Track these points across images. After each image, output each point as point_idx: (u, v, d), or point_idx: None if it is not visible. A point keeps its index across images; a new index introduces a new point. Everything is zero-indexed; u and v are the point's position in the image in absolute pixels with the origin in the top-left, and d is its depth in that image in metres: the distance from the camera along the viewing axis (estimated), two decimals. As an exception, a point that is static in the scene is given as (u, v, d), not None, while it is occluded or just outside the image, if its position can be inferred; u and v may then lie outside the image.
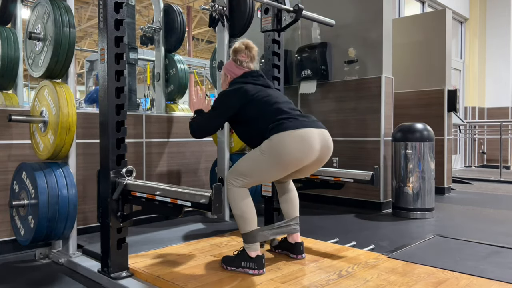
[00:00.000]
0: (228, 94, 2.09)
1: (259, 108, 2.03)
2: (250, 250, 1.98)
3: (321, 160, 2.03)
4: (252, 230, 1.98)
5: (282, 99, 2.12)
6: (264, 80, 2.18)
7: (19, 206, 2.26)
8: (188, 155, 3.67)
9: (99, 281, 2.06)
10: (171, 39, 3.95)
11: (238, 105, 2.04)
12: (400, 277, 1.94)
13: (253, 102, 2.04)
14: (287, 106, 2.06)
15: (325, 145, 2.00)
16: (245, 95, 2.05)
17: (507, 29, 8.53)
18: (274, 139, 1.91)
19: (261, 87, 2.13)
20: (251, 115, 2.04)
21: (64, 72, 2.31)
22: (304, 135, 1.91)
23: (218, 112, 2.09)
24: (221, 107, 2.08)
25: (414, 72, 5.12)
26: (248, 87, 2.09)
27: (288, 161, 1.90)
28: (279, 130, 1.91)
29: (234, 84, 2.15)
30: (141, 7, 13.32)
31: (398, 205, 3.73)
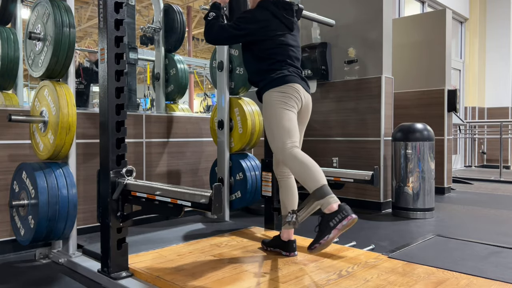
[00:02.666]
0: (254, 19, 2.19)
1: (274, 51, 2.19)
2: (331, 202, 1.84)
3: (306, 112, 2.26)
4: (324, 184, 1.90)
5: (295, 53, 2.27)
6: (289, 20, 2.25)
7: (19, 206, 2.26)
8: (188, 155, 3.67)
9: (99, 281, 2.06)
10: (171, 39, 3.95)
11: (256, 36, 2.19)
12: (400, 277, 1.94)
13: (268, 41, 2.19)
14: (295, 61, 2.24)
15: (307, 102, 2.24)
16: (266, 30, 2.18)
17: (507, 29, 8.53)
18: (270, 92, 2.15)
19: (285, 27, 2.23)
20: (264, 52, 2.20)
21: (64, 72, 2.31)
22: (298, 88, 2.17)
23: (237, 34, 2.19)
24: (242, 29, 2.18)
25: (414, 72, 5.12)
26: (273, 24, 2.20)
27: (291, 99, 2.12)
28: (275, 84, 2.14)
29: (262, 9, 2.22)
30: (141, 7, 13.31)
31: (398, 205, 3.73)
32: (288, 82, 2.15)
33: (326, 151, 4.34)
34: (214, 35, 2.24)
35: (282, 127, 2.09)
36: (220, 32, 2.21)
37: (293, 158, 2.03)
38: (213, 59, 3.45)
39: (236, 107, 3.30)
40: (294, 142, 2.08)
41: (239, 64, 3.30)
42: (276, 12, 2.21)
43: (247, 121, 3.22)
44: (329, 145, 4.33)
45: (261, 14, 2.20)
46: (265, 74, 2.20)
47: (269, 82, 2.17)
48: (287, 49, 2.23)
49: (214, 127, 3.36)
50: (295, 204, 2.30)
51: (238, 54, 3.31)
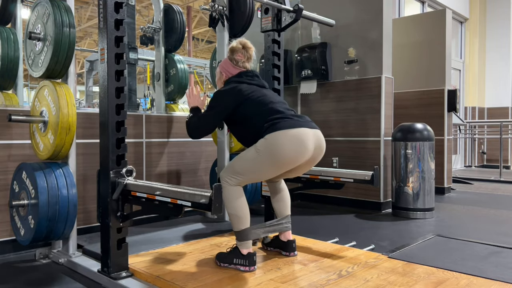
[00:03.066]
0: (223, 94, 2.11)
1: (254, 107, 2.05)
2: (242, 247, 2.03)
3: (313, 160, 2.06)
4: (244, 228, 2.02)
5: (277, 99, 2.14)
6: (259, 80, 2.20)
7: (19, 206, 2.26)
8: (188, 155, 3.67)
9: (99, 281, 2.06)
10: (171, 39, 3.95)
11: (233, 105, 2.06)
12: (400, 277, 1.94)
13: (247, 101, 2.06)
14: (281, 106, 2.08)
15: (318, 145, 2.03)
16: (240, 94, 2.07)
17: (507, 29, 8.53)
18: (269, 138, 1.93)
19: (256, 86, 2.15)
20: (246, 115, 2.06)
21: (64, 72, 2.31)
22: (298, 135, 1.93)
23: (214, 112, 2.10)
24: (216, 107, 2.10)
25: (414, 72, 5.12)
26: (243, 86, 2.11)
27: (282, 160, 1.92)
28: (274, 129, 1.93)
29: (229, 84, 2.16)
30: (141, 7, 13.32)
31: (398, 205, 3.73)
32: (296, 126, 1.95)
33: (326, 151, 4.30)
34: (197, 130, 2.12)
35: (249, 174, 2.00)
36: (198, 121, 2.11)
37: (230, 191, 2.00)
38: (213, 59, 3.45)
39: (236, 107, 3.29)
40: (244, 182, 2.02)
41: (239, 64, 3.29)
42: (242, 81, 2.14)
43: (247, 121, 3.21)
44: (329, 145, 4.30)
45: (228, 87, 2.11)
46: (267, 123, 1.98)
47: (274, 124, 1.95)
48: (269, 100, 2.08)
49: (214, 127, 3.36)
50: (287, 209, 2.31)
51: (238, 54, 3.30)
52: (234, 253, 2.05)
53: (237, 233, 2.03)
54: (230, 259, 2.06)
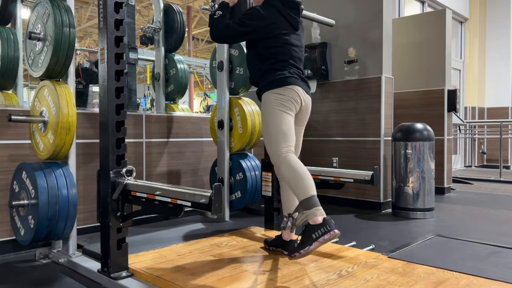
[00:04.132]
0: (260, 16, 2.18)
1: (277, 51, 2.19)
2: (316, 214, 1.86)
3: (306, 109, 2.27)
4: (313, 195, 1.93)
5: (298, 54, 2.29)
6: (294, 19, 2.26)
7: (19, 206, 2.26)
8: (188, 155, 3.67)
9: (99, 281, 2.06)
10: (171, 39, 3.95)
11: (262, 33, 2.18)
12: (400, 277, 1.94)
13: (274, 40, 2.19)
14: (297, 62, 2.27)
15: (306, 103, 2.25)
16: (272, 29, 2.18)
17: (507, 29, 8.53)
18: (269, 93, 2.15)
19: (290, 26, 2.24)
20: (267, 51, 2.19)
21: (64, 72, 2.31)
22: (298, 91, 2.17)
23: (243, 30, 2.19)
24: (248, 26, 2.18)
25: (414, 72, 5.12)
26: (279, 22, 2.20)
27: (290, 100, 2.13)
28: (287, 83, 2.14)
29: (267, 6, 2.22)
30: (141, 7, 13.32)
31: (398, 205, 3.73)
32: (288, 84, 2.14)
33: (326, 151, 4.34)
34: (219, 33, 2.27)
35: (278, 131, 2.11)
36: (225, 30, 2.23)
37: (286, 164, 2.04)
38: (213, 59, 3.45)
39: (236, 107, 3.30)
40: (289, 147, 2.09)
41: (239, 64, 3.30)
42: (282, 10, 2.21)
43: (247, 121, 3.22)
44: (329, 145, 4.33)
45: (266, 11, 2.20)
46: (266, 74, 2.20)
47: (268, 83, 2.17)
48: (290, 49, 2.23)
49: (214, 127, 3.36)
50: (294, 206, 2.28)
51: (238, 54, 3.31)
52: (310, 230, 1.84)
53: (306, 200, 1.89)
54: (309, 238, 1.83)
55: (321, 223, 1.84)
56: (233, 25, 2.21)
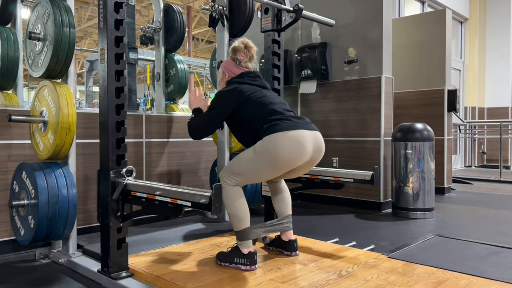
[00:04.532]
0: (225, 94, 2.11)
1: (254, 108, 2.06)
2: (242, 247, 2.04)
3: (312, 162, 2.08)
4: (244, 228, 2.02)
5: (277, 100, 2.15)
6: (260, 81, 2.21)
7: (19, 206, 2.26)
8: (188, 155, 3.67)
9: (99, 281, 2.06)
10: (171, 39, 3.95)
11: (234, 105, 2.07)
12: (400, 277, 1.94)
13: (248, 102, 2.07)
14: (281, 107, 2.09)
15: (317, 146, 2.05)
16: (241, 95, 2.07)
17: (507, 29, 8.52)
18: (267, 140, 1.94)
19: (257, 87, 2.15)
20: (246, 115, 2.07)
21: (64, 72, 2.31)
22: (297, 136, 1.94)
23: (215, 112, 2.10)
24: (218, 107, 2.10)
25: (414, 72, 5.12)
26: (244, 87, 2.11)
27: (281, 161, 1.93)
28: (272, 131, 1.94)
29: (231, 84, 2.16)
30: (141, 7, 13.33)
31: (398, 205, 3.73)
32: (294, 129, 1.95)
33: (326, 151, 4.29)
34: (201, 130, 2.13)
35: (247, 175, 2.00)
36: (206, 123, 2.12)
37: (229, 192, 2.01)
38: (213, 59, 3.45)
39: (236, 107, 3.29)
40: (242, 183, 2.03)
41: (239, 64, 3.29)
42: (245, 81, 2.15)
43: (247, 121, 3.21)
44: (329, 145, 4.32)
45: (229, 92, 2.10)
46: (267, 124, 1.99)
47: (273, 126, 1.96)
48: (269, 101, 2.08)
49: (214, 127, 3.36)
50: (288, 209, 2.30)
51: (238, 54, 3.31)
52: (235, 253, 2.06)
53: (237, 232, 2.04)
54: (231, 259, 2.06)
55: (245, 255, 2.03)
56: (203, 114, 2.13)
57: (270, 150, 1.92)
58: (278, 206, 2.31)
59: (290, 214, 2.30)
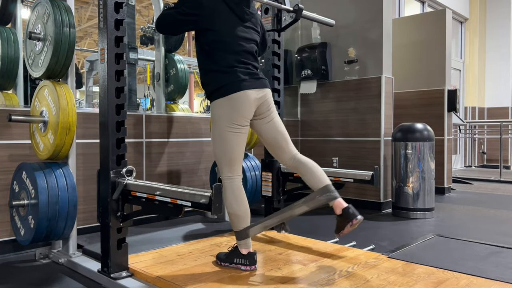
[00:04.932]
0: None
1: (219, 45, 1.99)
2: (242, 247, 2.03)
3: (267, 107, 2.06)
4: (244, 228, 2.02)
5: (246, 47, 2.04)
6: (241, 9, 2.03)
7: (19, 206, 2.26)
8: (188, 155, 3.66)
9: (99, 281, 2.06)
10: (171, 39, 3.95)
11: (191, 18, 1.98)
12: (400, 277, 1.94)
13: (215, 32, 1.98)
14: (245, 56, 2.02)
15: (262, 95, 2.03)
16: (213, 14, 1.97)
17: (507, 29, 8.53)
18: (215, 104, 2.00)
19: (235, 17, 2.02)
20: (209, 46, 2.00)
21: (64, 72, 2.31)
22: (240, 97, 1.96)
23: (179, 10, 2.00)
24: (178, 7, 2.01)
25: (414, 72, 5.12)
26: (221, 10, 1.98)
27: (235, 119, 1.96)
28: (219, 95, 1.97)
29: None
30: (141, 7, 13.32)
31: (398, 205, 3.73)
32: (237, 90, 1.95)
33: (326, 151, 4.34)
34: (160, 23, 2.09)
35: (223, 155, 2.01)
36: (164, 19, 2.06)
37: (226, 191, 2.00)
38: (213, 59, 3.45)
39: (236, 107, 3.29)
40: (233, 173, 2.02)
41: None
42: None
43: (247, 121, 3.21)
44: (329, 145, 4.33)
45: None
46: (211, 76, 2.02)
47: (214, 90, 2.00)
48: (236, 42, 2.00)
49: (214, 127, 3.36)
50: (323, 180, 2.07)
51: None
52: (235, 253, 2.05)
53: (237, 232, 2.03)
54: (231, 259, 2.06)
55: (244, 255, 2.03)
56: (172, 13, 2.03)
57: (222, 114, 1.97)
58: (308, 180, 2.08)
59: (326, 184, 2.04)
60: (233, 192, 2.01)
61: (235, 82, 1.97)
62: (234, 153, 2.01)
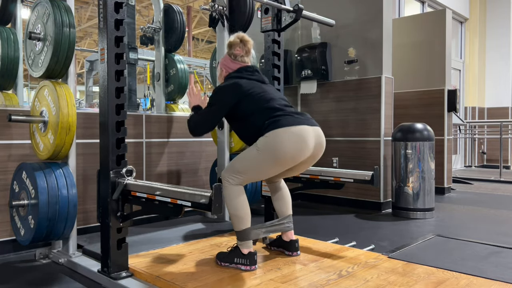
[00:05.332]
0: (223, 90, 2.10)
1: (254, 104, 2.04)
2: (243, 247, 2.03)
3: (314, 157, 2.07)
4: (245, 228, 2.02)
5: (277, 95, 2.14)
6: (259, 75, 2.19)
7: (19, 206, 2.26)
8: (188, 155, 3.67)
9: (99, 281, 2.06)
10: (171, 39, 3.95)
11: (233, 101, 2.05)
12: (400, 277, 1.94)
13: (248, 98, 2.05)
14: (281, 102, 2.08)
15: (318, 142, 2.04)
16: (240, 89, 2.06)
17: (507, 29, 8.52)
18: (269, 136, 1.93)
19: (256, 82, 2.14)
20: (247, 111, 2.05)
21: (64, 72, 2.31)
22: (299, 132, 1.94)
23: (215, 109, 2.09)
24: (217, 103, 2.09)
25: (414, 72, 5.12)
26: (243, 82, 2.09)
27: (283, 157, 1.92)
28: (274, 127, 1.93)
29: (229, 79, 2.15)
30: (141, 7, 13.32)
31: (398, 205, 3.73)
32: (296, 124, 1.95)
33: (326, 151, 4.28)
34: (195, 128, 2.12)
35: (254, 170, 1.99)
36: (202, 122, 2.11)
37: (230, 191, 2.00)
38: (213, 59, 3.45)
39: (236, 107, 3.29)
40: (245, 182, 2.02)
41: (239, 64, 3.29)
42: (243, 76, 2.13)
43: (247, 121, 3.21)
44: (329, 145, 4.30)
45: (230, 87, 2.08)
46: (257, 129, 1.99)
47: (265, 127, 1.95)
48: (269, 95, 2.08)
49: (214, 127, 3.36)
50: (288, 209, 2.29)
51: (238, 54, 3.31)
52: (235, 253, 2.05)
53: (238, 232, 2.03)
54: (231, 259, 2.06)
55: (245, 255, 2.03)
56: (212, 112, 2.09)
57: (272, 146, 1.91)
58: (278, 206, 2.30)
59: (290, 214, 2.29)
60: (235, 192, 2.01)
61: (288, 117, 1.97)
62: (259, 177, 2.12)
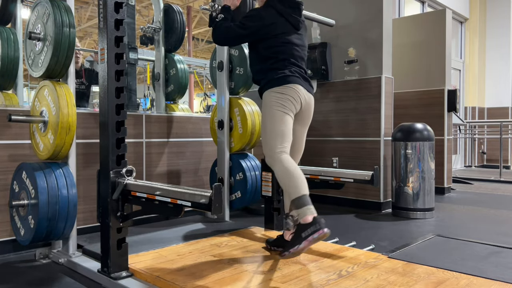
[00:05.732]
0: (260, 18, 2.22)
1: (277, 50, 2.22)
2: (306, 214, 1.89)
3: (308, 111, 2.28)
4: (304, 194, 1.97)
5: (300, 53, 2.28)
6: (295, 19, 2.27)
7: (19, 206, 2.26)
8: (188, 155, 3.67)
9: (99, 281, 2.06)
10: (171, 39, 3.95)
11: (262, 34, 2.22)
12: (400, 277, 1.94)
13: (274, 40, 2.22)
14: (299, 61, 2.26)
15: (307, 103, 2.26)
16: (271, 29, 2.20)
17: (507, 29, 8.53)
18: (269, 92, 2.19)
19: (290, 26, 2.26)
20: (270, 49, 2.22)
21: (64, 72, 2.31)
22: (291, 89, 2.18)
23: (246, 32, 2.22)
24: (249, 28, 2.21)
25: (414, 72, 5.12)
26: (279, 22, 2.22)
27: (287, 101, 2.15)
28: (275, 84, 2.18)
29: (268, 8, 2.25)
30: (141, 7, 13.32)
31: (398, 205, 3.73)
32: (288, 83, 2.17)
33: (326, 151, 4.34)
34: (221, 36, 2.30)
35: (275, 131, 2.14)
36: (227, 33, 2.26)
37: (279, 164, 2.08)
38: (213, 59, 3.45)
39: (236, 107, 3.30)
40: (284, 147, 2.13)
41: (239, 64, 3.30)
42: (282, 10, 2.24)
43: (247, 121, 3.22)
44: (329, 145, 4.33)
45: (266, 13, 2.23)
46: (267, 73, 2.23)
47: (269, 82, 2.20)
48: (292, 48, 2.25)
49: (214, 127, 3.36)
50: None
51: (238, 54, 3.31)
52: (299, 229, 1.86)
53: (297, 200, 1.92)
54: (299, 238, 1.84)
55: (311, 222, 1.86)
56: (234, 27, 2.24)
57: (283, 95, 2.15)
58: None
59: None
60: (289, 162, 2.06)
61: (290, 76, 2.19)
62: (285, 127, 2.16)
